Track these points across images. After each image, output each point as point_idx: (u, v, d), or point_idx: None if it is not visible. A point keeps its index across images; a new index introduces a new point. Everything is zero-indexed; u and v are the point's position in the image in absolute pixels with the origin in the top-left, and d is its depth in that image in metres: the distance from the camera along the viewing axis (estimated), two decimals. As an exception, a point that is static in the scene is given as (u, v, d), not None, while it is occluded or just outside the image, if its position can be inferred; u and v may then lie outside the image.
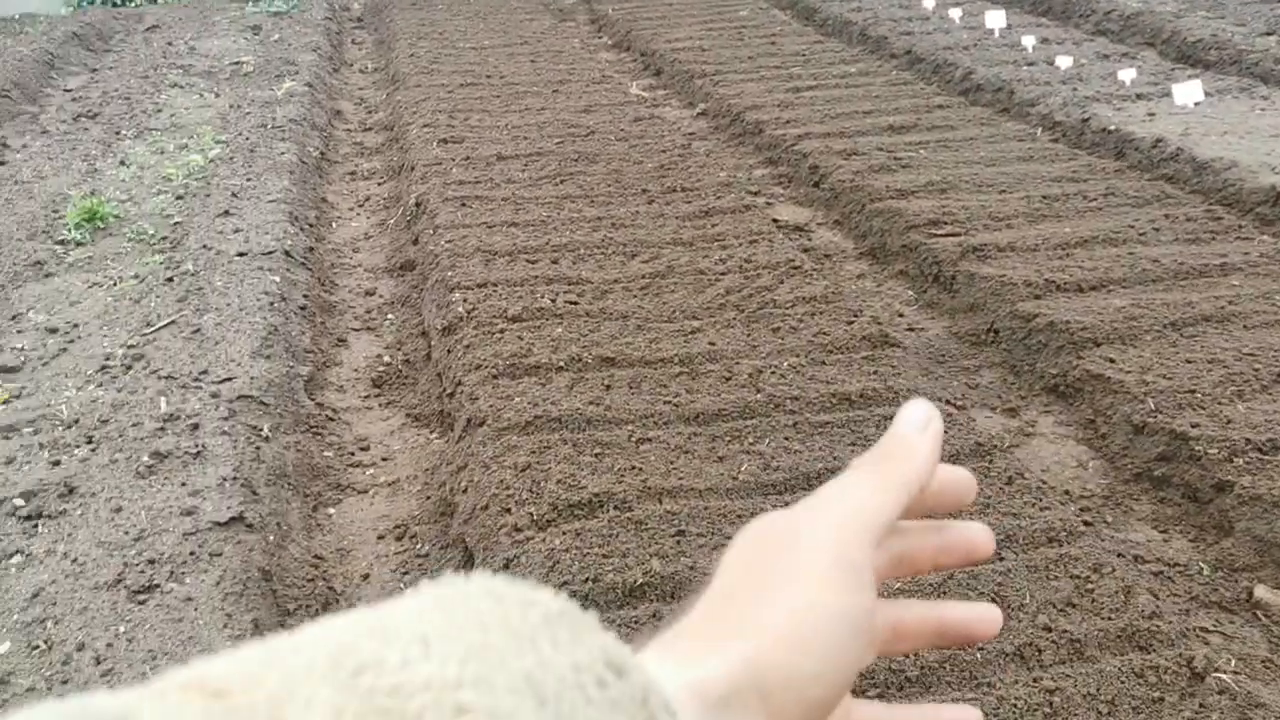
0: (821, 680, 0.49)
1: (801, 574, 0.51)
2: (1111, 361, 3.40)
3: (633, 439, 3.07)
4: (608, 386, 3.34)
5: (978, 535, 0.62)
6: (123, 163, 5.57)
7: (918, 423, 0.59)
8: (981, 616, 0.61)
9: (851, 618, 0.51)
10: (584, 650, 0.41)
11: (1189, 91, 5.85)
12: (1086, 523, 2.86)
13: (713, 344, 3.59)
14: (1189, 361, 3.36)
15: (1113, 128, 5.54)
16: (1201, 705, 2.17)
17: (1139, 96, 6.04)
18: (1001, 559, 2.57)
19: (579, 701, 0.39)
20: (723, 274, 4.10)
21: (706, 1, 9.25)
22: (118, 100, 6.67)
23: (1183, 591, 2.67)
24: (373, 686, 0.37)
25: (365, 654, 0.38)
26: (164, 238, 4.61)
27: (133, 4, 9.54)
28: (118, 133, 6.07)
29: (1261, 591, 2.65)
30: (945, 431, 3.05)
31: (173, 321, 3.82)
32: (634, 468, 2.94)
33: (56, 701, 0.35)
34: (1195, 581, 2.71)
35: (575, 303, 3.88)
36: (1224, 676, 2.25)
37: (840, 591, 0.51)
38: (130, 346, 3.67)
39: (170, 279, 4.16)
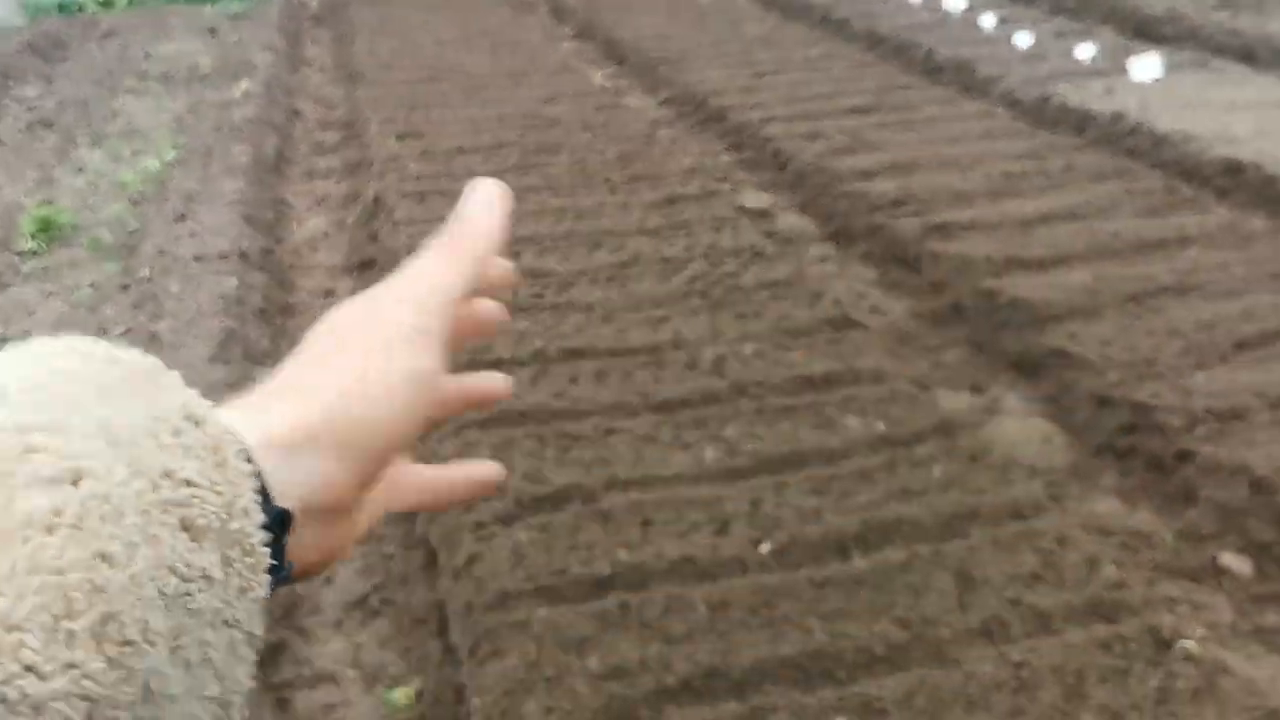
0: (384, 430, 0.54)
1: (378, 340, 0.56)
2: (1074, 336, 3.41)
3: (598, 430, 3.05)
4: (573, 379, 3.32)
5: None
6: (79, 170, 5.50)
7: (484, 202, 0.65)
8: (495, 377, 0.71)
9: (419, 376, 0.56)
10: (163, 403, 0.43)
11: (1146, 67, 5.88)
12: (1052, 497, 2.86)
13: (678, 332, 3.57)
14: (1150, 333, 3.37)
15: (1072, 104, 5.55)
16: (1169, 673, 2.18)
17: (1097, 73, 6.06)
18: (967, 535, 2.58)
19: (153, 446, 0.41)
20: (688, 261, 4.08)
21: (667, -11, 9.21)
22: (73, 108, 6.59)
23: (1148, 561, 2.68)
24: None
25: None
26: (120, 245, 4.55)
27: (88, 11, 9.43)
28: (73, 140, 6.00)
29: (1226, 558, 2.67)
30: (910, 411, 3.07)
31: (128, 329, 3.77)
32: (600, 459, 2.93)
33: None
34: (1161, 551, 2.72)
35: (539, 295, 3.85)
36: (1190, 644, 2.25)
37: (411, 354, 0.56)
38: (88, 355, 3.63)
39: (126, 286, 4.11)
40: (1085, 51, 6.26)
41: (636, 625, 2.32)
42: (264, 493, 0.48)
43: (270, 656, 2.51)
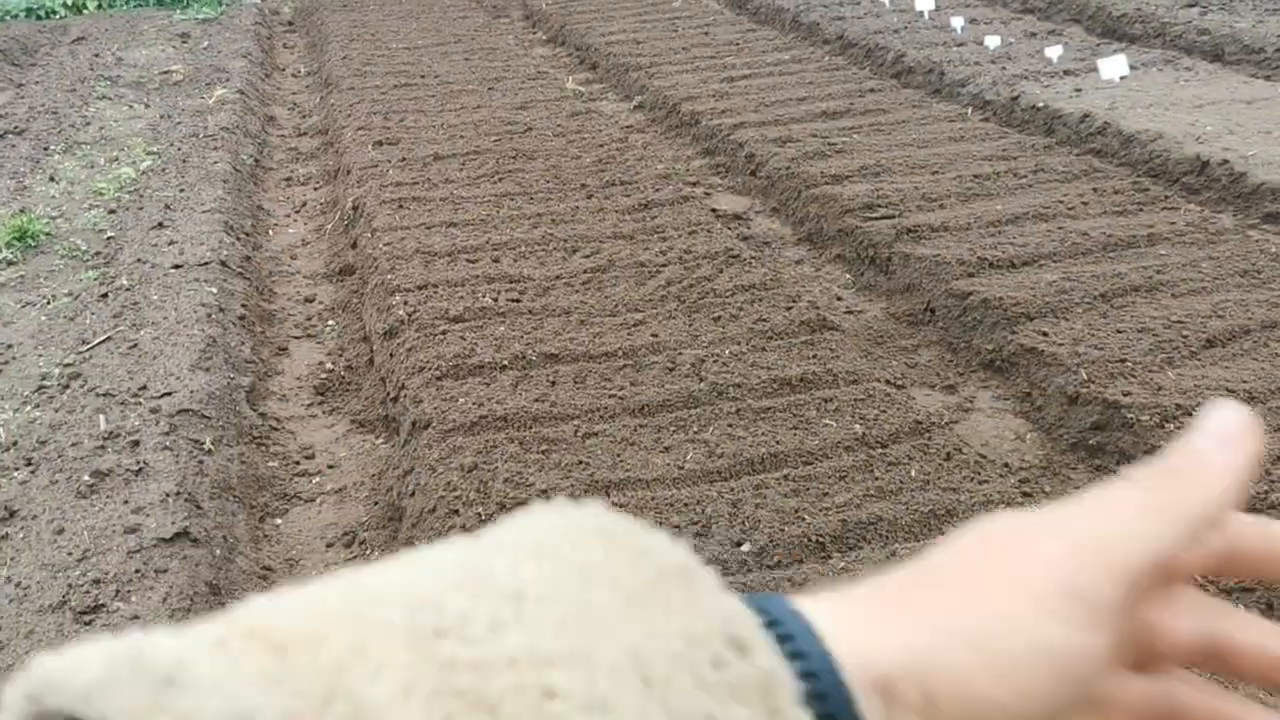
0: (997, 706, 0.40)
1: (1017, 583, 0.42)
2: (1045, 335, 3.47)
3: (579, 434, 3.08)
4: (552, 383, 3.35)
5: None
6: (52, 179, 5.49)
7: (1223, 434, 0.46)
8: None
9: (1060, 654, 0.40)
10: (701, 619, 0.35)
11: (1114, 66, 5.96)
12: (1025, 494, 2.92)
13: (655, 335, 3.61)
14: (1119, 331, 3.43)
15: (1041, 105, 5.63)
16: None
17: (1066, 73, 6.14)
18: (943, 533, 2.62)
19: (690, 685, 0.33)
20: (663, 265, 4.12)
21: (639, -7, 9.25)
22: (45, 115, 6.56)
23: (1120, 556, 2.73)
24: (452, 658, 0.32)
25: (449, 612, 0.33)
26: (97, 253, 4.55)
27: (57, 16, 9.37)
28: (46, 148, 5.98)
29: (1196, 552, 2.72)
30: (885, 411, 3.12)
31: (109, 338, 3.78)
32: (581, 462, 2.96)
33: (111, 639, 0.31)
34: (1132, 546, 2.77)
35: (517, 300, 3.88)
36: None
37: (1054, 620, 0.41)
38: (67, 365, 3.63)
39: (105, 295, 4.11)
40: (1054, 51, 6.34)
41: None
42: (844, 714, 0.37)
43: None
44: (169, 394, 3.38)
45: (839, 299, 4.14)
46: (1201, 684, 0.47)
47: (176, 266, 4.28)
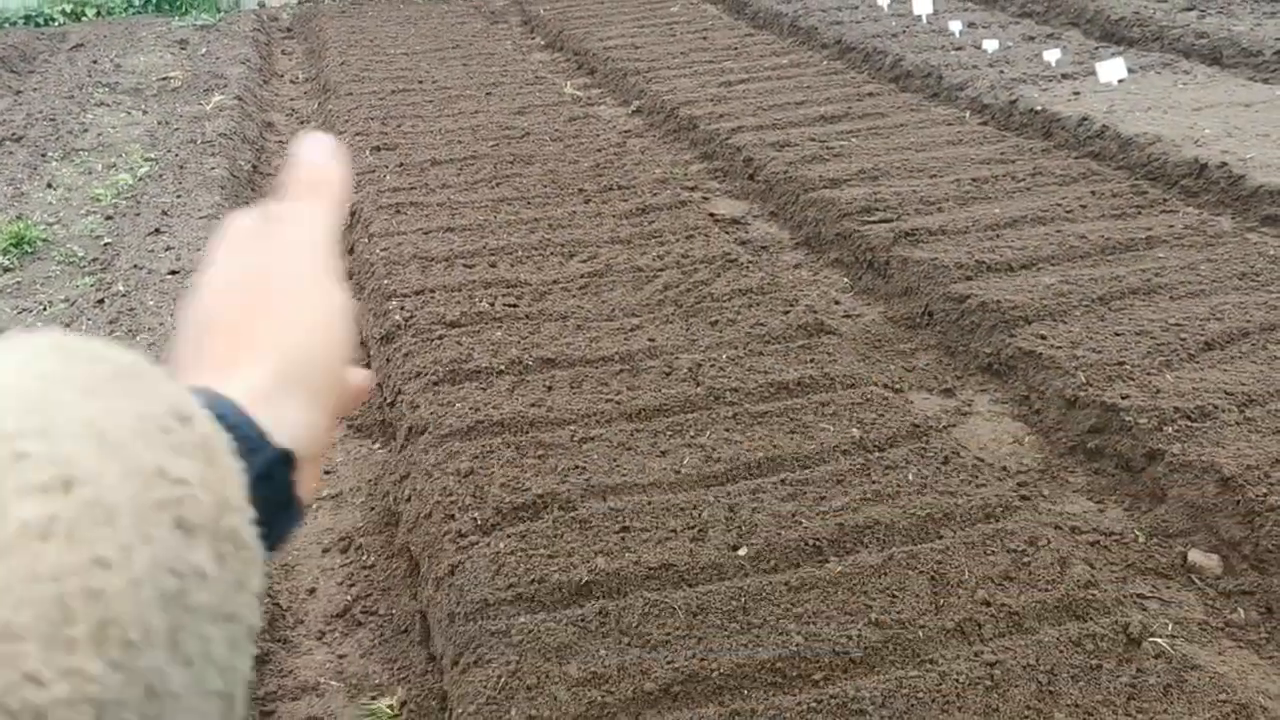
0: (338, 365, 0.60)
1: (297, 285, 0.61)
2: (1043, 338, 3.46)
3: (575, 438, 3.07)
4: (549, 387, 3.34)
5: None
6: (50, 185, 5.48)
7: (322, 149, 0.70)
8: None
9: (344, 308, 0.63)
10: (151, 401, 0.43)
11: (1112, 69, 5.96)
12: (1023, 497, 2.91)
13: (652, 340, 3.60)
14: (1117, 334, 3.42)
15: (1039, 108, 5.62)
16: (1139, 670, 2.22)
17: (1064, 76, 6.14)
18: (940, 537, 2.61)
19: (142, 446, 0.41)
20: (660, 270, 4.11)
21: (637, -1, 9.26)
22: (43, 122, 6.56)
23: (1119, 559, 2.73)
24: None
25: None
26: (94, 259, 4.54)
27: (55, 23, 9.38)
28: (44, 155, 5.97)
29: (1195, 555, 2.72)
30: (883, 415, 3.11)
31: (105, 344, 3.77)
32: (577, 467, 2.95)
33: None
34: (1131, 549, 2.77)
35: (514, 305, 3.87)
36: (1160, 641, 2.30)
37: (331, 291, 0.62)
38: (63, 371, 3.62)
39: (101, 301, 4.10)
40: (1052, 55, 6.33)
41: (615, 632, 2.34)
42: (259, 438, 0.51)
43: (253, 669, 2.52)
44: (165, 400, 3.37)
45: (837, 303, 4.13)
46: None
47: (173, 272, 4.28)
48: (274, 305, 0.60)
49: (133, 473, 0.39)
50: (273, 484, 0.52)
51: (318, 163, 0.69)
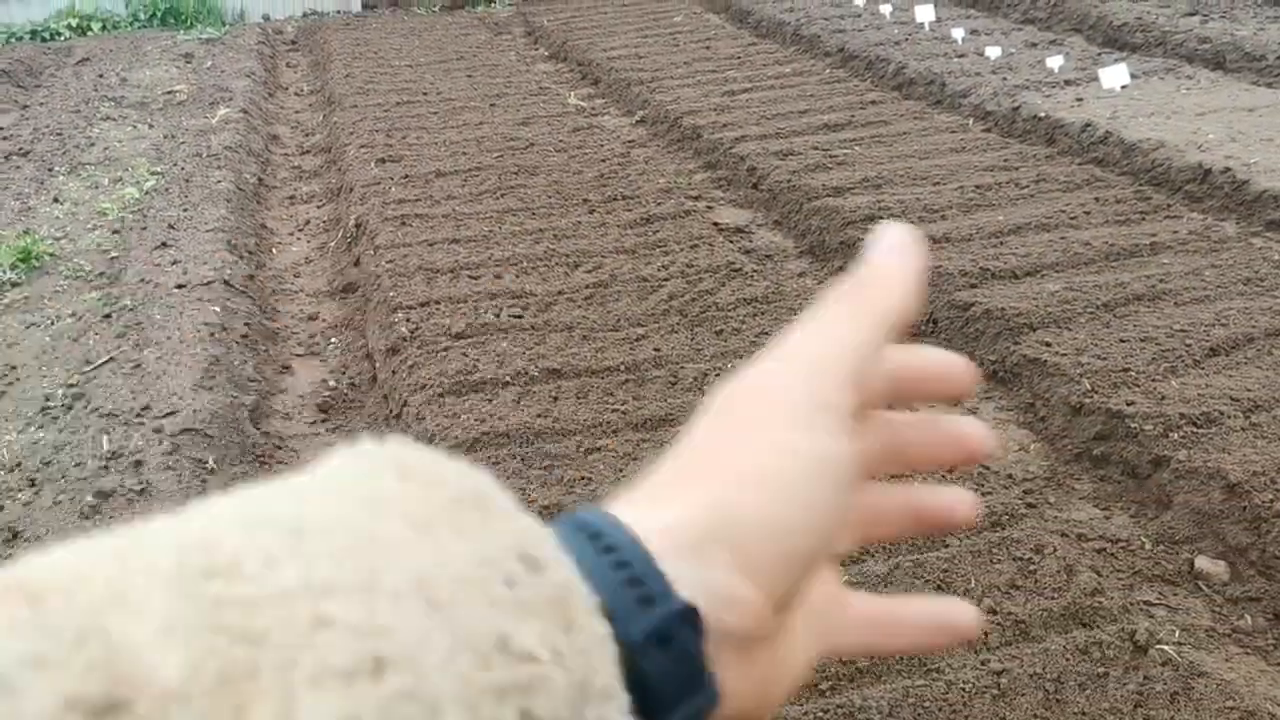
0: (798, 530, 0.43)
1: (774, 418, 0.45)
2: (1048, 345, 3.46)
3: (581, 449, 3.08)
4: (555, 398, 3.35)
5: (972, 432, 0.53)
6: (56, 200, 5.51)
7: (893, 246, 0.51)
8: (960, 498, 0.53)
9: (829, 461, 0.44)
10: (494, 540, 0.35)
11: (1115, 75, 5.96)
12: (1029, 504, 2.91)
13: (658, 350, 3.61)
14: (1122, 341, 3.42)
15: (1042, 115, 5.63)
16: (1146, 677, 2.22)
17: (1067, 82, 6.15)
18: (946, 545, 2.61)
19: (480, 603, 0.33)
20: (665, 280, 4.12)
21: (642, 9, 9.29)
22: (50, 136, 6.59)
23: (1125, 567, 2.72)
24: (220, 596, 0.30)
25: (222, 551, 0.31)
26: (101, 273, 4.56)
27: (61, 38, 9.42)
28: (51, 169, 6.00)
29: (1202, 562, 2.71)
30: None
31: (112, 358, 3.78)
32: (583, 478, 2.96)
33: None
34: (1137, 556, 2.76)
35: (519, 316, 3.88)
36: (1167, 648, 2.30)
37: (816, 433, 0.44)
38: (70, 386, 3.64)
39: (109, 315, 4.12)
40: (1055, 61, 6.34)
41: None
42: (661, 586, 0.39)
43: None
44: (172, 413, 3.39)
45: (841, 311, 4.13)
46: (914, 417, 0.52)
47: (180, 286, 4.29)
48: (733, 439, 0.46)
49: (465, 646, 0.31)
50: (672, 650, 0.38)
51: (878, 258, 0.51)
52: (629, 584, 0.38)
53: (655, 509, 0.42)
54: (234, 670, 0.29)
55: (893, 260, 0.50)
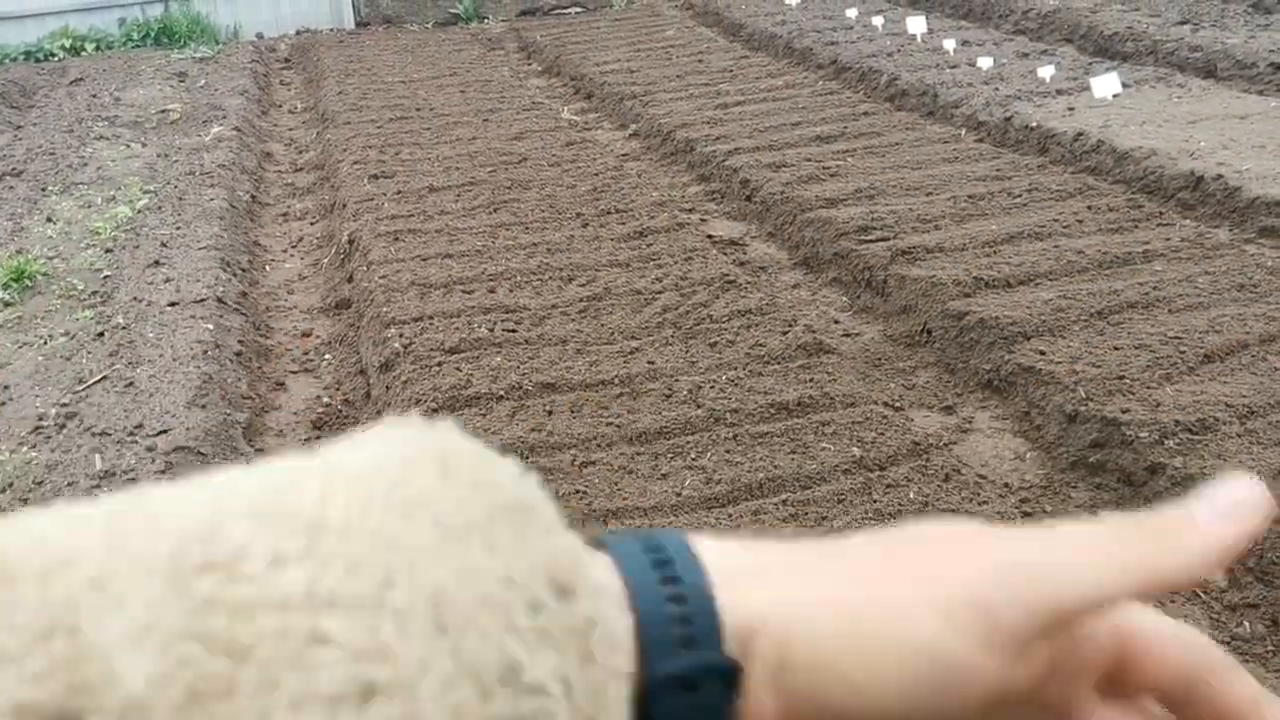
0: (850, 692, 0.37)
1: (923, 578, 0.39)
2: (1042, 353, 3.45)
3: (576, 463, 3.07)
4: (549, 412, 3.34)
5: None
6: (49, 219, 5.50)
7: (1222, 504, 0.41)
8: None
9: (942, 662, 0.37)
10: (525, 559, 0.32)
11: (1107, 84, 5.98)
12: (1026, 513, 2.90)
13: (652, 363, 3.60)
14: (1117, 348, 3.42)
15: (1035, 124, 5.64)
16: (1144, 686, 2.20)
17: (1059, 92, 6.16)
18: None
19: (496, 628, 0.30)
20: (659, 293, 4.12)
21: (634, 24, 9.32)
22: (43, 156, 6.59)
23: (1122, 575, 2.71)
24: (211, 596, 0.28)
25: (225, 544, 0.29)
26: (94, 292, 4.55)
27: (55, 58, 9.43)
28: (44, 189, 6.00)
29: (1199, 570, 2.70)
30: (883, 434, 3.10)
31: (105, 377, 3.77)
32: (578, 491, 2.95)
33: None
34: (1134, 564, 2.75)
35: (513, 330, 3.88)
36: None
37: (949, 627, 0.37)
38: (63, 405, 3.63)
39: (101, 334, 4.11)
40: (1046, 71, 6.35)
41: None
42: (710, 628, 0.36)
43: None
44: (165, 431, 3.37)
45: (836, 322, 4.13)
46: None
47: (173, 304, 4.29)
48: (867, 570, 0.40)
49: (467, 674, 0.29)
50: (697, 698, 0.36)
51: (1192, 513, 0.42)
52: (677, 621, 0.36)
53: (756, 572, 0.39)
54: (206, 686, 0.26)
55: (1208, 518, 0.41)
